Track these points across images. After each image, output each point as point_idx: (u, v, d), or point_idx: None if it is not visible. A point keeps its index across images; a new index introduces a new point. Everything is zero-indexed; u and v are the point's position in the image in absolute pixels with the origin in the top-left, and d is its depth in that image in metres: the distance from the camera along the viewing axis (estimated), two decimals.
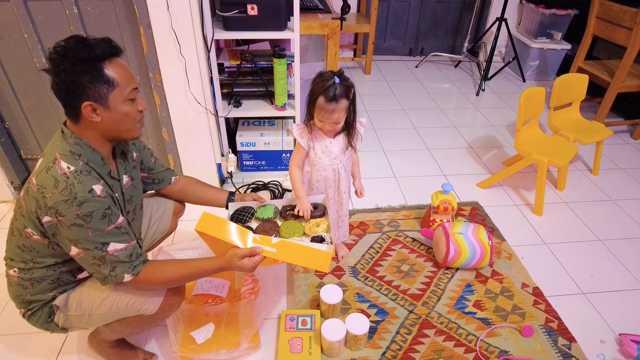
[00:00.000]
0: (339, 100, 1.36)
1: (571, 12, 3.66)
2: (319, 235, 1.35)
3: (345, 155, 1.58)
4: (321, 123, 1.44)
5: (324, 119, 1.40)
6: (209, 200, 1.55)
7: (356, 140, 1.57)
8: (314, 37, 2.89)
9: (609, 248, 2.03)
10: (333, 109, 1.37)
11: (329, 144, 1.53)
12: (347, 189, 1.66)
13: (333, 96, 1.34)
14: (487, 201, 2.29)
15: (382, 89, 3.58)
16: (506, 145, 2.85)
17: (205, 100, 1.96)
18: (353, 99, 1.42)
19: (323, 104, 1.37)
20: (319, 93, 1.37)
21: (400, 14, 4.10)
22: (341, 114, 1.40)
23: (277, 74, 2.03)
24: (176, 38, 1.77)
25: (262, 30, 1.94)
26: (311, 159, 1.57)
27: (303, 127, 1.54)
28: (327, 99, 1.35)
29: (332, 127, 1.44)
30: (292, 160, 1.59)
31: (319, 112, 1.39)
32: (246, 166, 2.35)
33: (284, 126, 2.36)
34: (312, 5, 2.52)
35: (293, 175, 1.58)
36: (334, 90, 1.34)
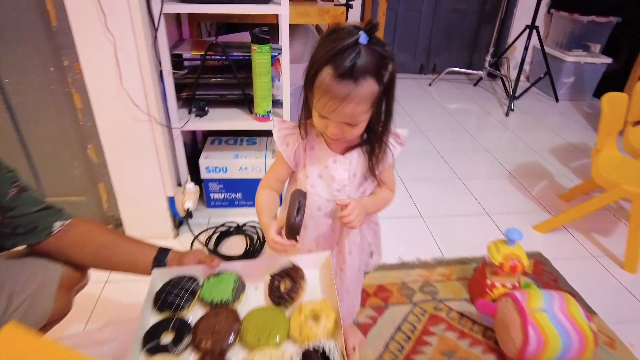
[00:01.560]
0: (359, 77, 0.71)
1: (613, 19, 3.12)
2: (318, 347, 0.67)
3: (359, 189, 0.93)
4: (322, 121, 0.80)
5: (327, 111, 0.76)
6: (122, 263, 0.89)
7: (384, 163, 0.92)
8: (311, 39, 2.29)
9: None
10: (346, 95, 0.72)
11: (332, 164, 0.90)
12: (357, 249, 1.00)
13: (350, 68, 0.70)
14: (553, 251, 1.62)
15: (396, 109, 2.96)
16: (557, 174, 2.21)
17: (147, 103, 1.32)
18: (389, 83, 0.77)
19: (329, 82, 0.72)
20: (326, 60, 0.72)
21: (410, 25, 3.56)
22: (360, 107, 0.75)
23: (258, 67, 1.40)
24: (98, 1, 1.14)
25: (235, 3, 1.32)
26: (298, 186, 0.94)
27: (291, 127, 0.92)
28: (338, 72, 0.71)
29: (340, 131, 0.80)
30: (263, 181, 0.98)
31: (321, 97, 0.75)
32: (214, 200, 1.68)
33: (268, 145, 1.71)
34: None
35: (259, 197, 0.95)
36: (355, 56, 0.70)
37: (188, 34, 1.76)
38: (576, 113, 3.12)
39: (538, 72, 3.41)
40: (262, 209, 0.92)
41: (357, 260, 1.01)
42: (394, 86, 0.80)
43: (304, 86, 0.81)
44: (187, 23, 1.74)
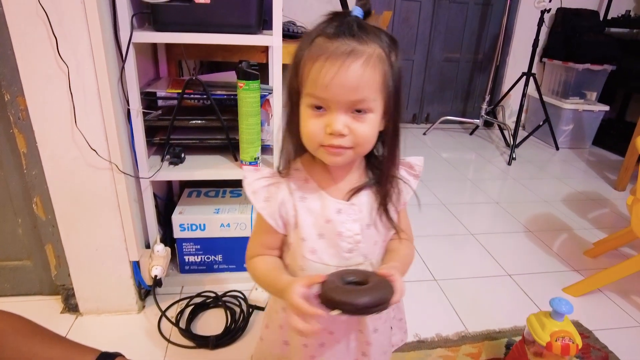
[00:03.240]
0: (361, 35, 0.56)
1: (607, 67, 3.07)
2: None
3: (377, 243, 0.70)
4: (316, 120, 0.59)
5: (322, 85, 0.56)
6: None
7: (399, 204, 0.71)
8: None
9: None
10: (348, 51, 0.55)
11: (335, 216, 0.66)
12: (383, 326, 0.75)
13: (348, 24, 0.56)
14: (593, 320, 1.37)
15: None
16: (575, 226, 2.00)
17: (109, 147, 1.08)
18: (399, 76, 0.61)
19: (322, 45, 0.56)
20: (314, 35, 0.58)
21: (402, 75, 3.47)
22: (368, 75, 0.56)
23: (245, 107, 1.19)
24: (48, 22, 0.94)
25: (218, 32, 1.13)
26: (292, 258, 0.70)
27: (268, 176, 0.68)
28: (331, 32, 0.56)
29: (344, 127, 0.57)
30: (250, 251, 0.73)
31: (311, 68, 0.57)
32: (189, 264, 1.41)
33: None
34: (300, 33, 1.80)
35: (254, 264, 0.71)
36: (350, 22, 0.56)
37: (166, 73, 1.56)
38: (579, 161, 2.98)
39: (534, 120, 3.31)
40: (268, 270, 0.69)
41: (384, 340, 0.76)
42: (401, 88, 0.62)
43: (288, 90, 0.62)
44: (165, 61, 1.55)
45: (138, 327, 1.23)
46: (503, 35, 3.10)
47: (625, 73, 3.10)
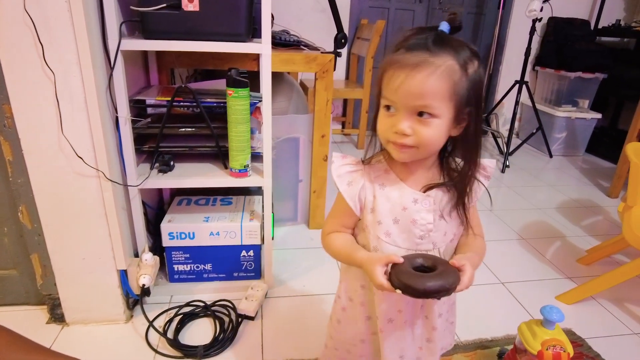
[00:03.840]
0: (435, 49, 0.62)
1: (599, 75, 3.09)
2: None
3: (446, 235, 0.74)
4: (387, 119, 0.67)
5: (392, 90, 0.64)
6: None
7: (474, 199, 0.76)
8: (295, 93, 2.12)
9: None
10: (417, 63, 0.62)
11: (412, 204, 0.72)
12: (446, 311, 0.83)
13: (424, 40, 0.63)
14: (585, 327, 1.36)
15: None
16: (569, 234, 1.99)
17: (96, 155, 1.07)
18: (476, 85, 0.65)
19: (398, 56, 0.64)
20: (398, 45, 0.66)
21: None
22: (433, 83, 0.62)
23: (234, 114, 1.19)
24: (34, 29, 0.93)
25: (208, 40, 1.13)
26: (366, 239, 0.76)
27: (353, 163, 0.76)
28: (409, 45, 0.64)
29: (408, 128, 0.64)
30: (327, 228, 0.81)
31: (385, 74, 0.66)
32: (179, 273, 1.39)
33: (246, 205, 1.46)
34: (293, 41, 1.80)
35: (331, 240, 0.79)
36: (427, 37, 0.63)
37: (157, 81, 1.56)
38: (572, 168, 2.99)
39: (527, 128, 3.33)
40: (346, 246, 0.77)
41: (445, 329, 0.86)
42: (481, 97, 0.67)
43: (376, 92, 0.70)
44: (156, 69, 1.54)
45: (125, 338, 1.21)
46: (496, 44, 3.12)
47: (617, 81, 3.13)
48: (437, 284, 0.62)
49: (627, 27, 3.19)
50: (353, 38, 3.20)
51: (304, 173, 1.76)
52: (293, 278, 1.50)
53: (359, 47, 3.05)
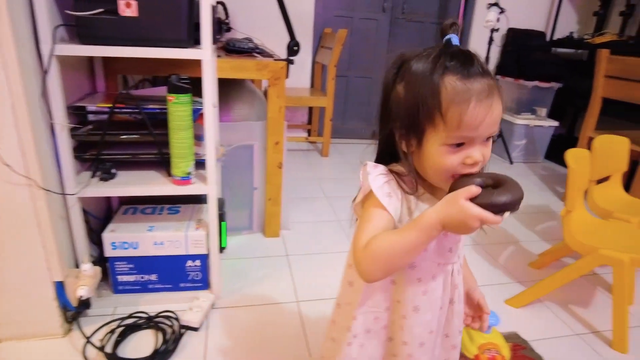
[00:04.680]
0: (485, 68, 0.61)
1: (555, 85, 3.19)
2: None
3: (462, 242, 0.77)
4: (452, 156, 0.62)
5: (473, 126, 0.60)
6: None
7: None
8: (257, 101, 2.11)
9: None
10: (489, 89, 0.60)
11: None
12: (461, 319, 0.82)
13: (470, 59, 0.61)
14: (531, 330, 1.38)
15: (344, 173, 2.80)
16: (523, 239, 2.04)
17: (26, 163, 1.04)
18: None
19: (463, 86, 0.59)
20: (439, 71, 0.60)
21: (361, 92, 3.52)
22: (501, 106, 0.62)
23: (175, 120, 1.17)
24: None
25: (148, 45, 1.11)
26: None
27: (385, 172, 0.68)
28: (464, 71, 0.59)
29: (481, 156, 0.62)
30: (365, 236, 0.65)
31: (458, 112, 0.59)
32: (123, 284, 1.35)
33: (193, 214, 1.43)
34: (247, 48, 1.80)
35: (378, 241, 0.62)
36: (471, 57, 0.61)
37: (104, 87, 1.53)
38: (532, 175, 3.07)
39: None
40: (399, 231, 0.63)
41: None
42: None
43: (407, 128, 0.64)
44: (103, 75, 1.51)
45: (62, 353, 1.16)
46: None
47: (572, 91, 3.24)
48: (517, 194, 0.59)
49: (579, 39, 3.31)
50: (317, 47, 3.22)
51: (259, 181, 1.75)
52: (244, 288, 1.48)
53: (322, 56, 3.07)
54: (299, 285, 1.51)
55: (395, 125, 0.66)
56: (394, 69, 0.66)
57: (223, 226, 1.58)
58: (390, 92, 0.67)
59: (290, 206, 2.07)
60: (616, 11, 3.25)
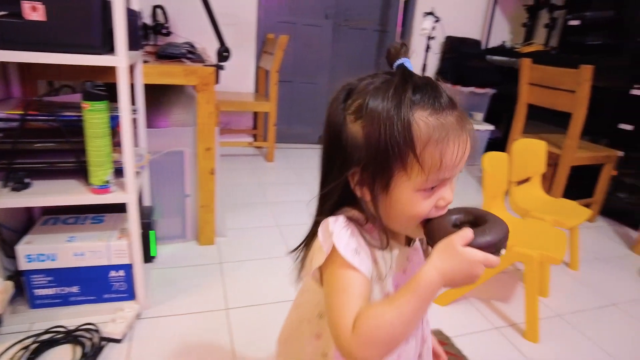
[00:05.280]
0: (454, 101, 0.58)
1: (489, 90, 3.37)
2: None
3: None
4: (425, 201, 0.57)
5: (450, 166, 0.55)
6: None
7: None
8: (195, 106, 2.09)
9: None
10: (462, 122, 0.56)
11: (408, 264, 0.67)
12: None
13: (445, 99, 0.56)
14: (454, 326, 1.45)
15: (289, 178, 2.82)
16: None
17: None
18: None
19: (436, 122, 0.53)
20: (404, 106, 0.52)
21: (307, 98, 3.55)
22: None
23: (91, 128, 1.14)
24: None
25: (56, 51, 1.08)
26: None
27: (345, 225, 0.58)
28: (434, 105, 0.54)
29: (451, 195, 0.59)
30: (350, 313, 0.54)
31: (435, 152, 0.53)
32: (42, 298, 1.30)
33: (119, 223, 1.40)
34: (178, 53, 1.78)
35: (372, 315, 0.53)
36: (437, 87, 0.56)
37: (20, 93, 1.46)
38: (470, 177, 3.21)
39: None
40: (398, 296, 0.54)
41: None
42: None
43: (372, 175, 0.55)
44: (19, 81, 1.45)
45: None
46: None
47: (505, 97, 3.42)
48: (506, 227, 0.56)
49: (510, 48, 3.51)
50: (260, 52, 3.23)
51: (191, 188, 1.73)
52: (173, 297, 1.46)
53: (265, 61, 3.08)
54: (230, 292, 1.51)
55: (351, 171, 0.57)
56: (341, 103, 0.58)
57: (152, 235, 1.56)
58: (341, 132, 0.57)
59: (228, 213, 2.07)
60: (541, 23, 3.47)
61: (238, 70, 3.24)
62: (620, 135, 2.54)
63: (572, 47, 2.93)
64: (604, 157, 2.38)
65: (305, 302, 0.70)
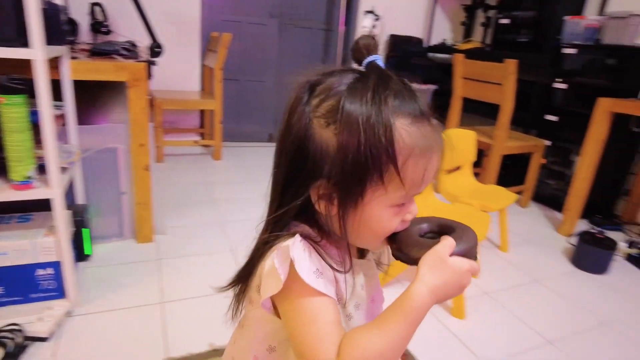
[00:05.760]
0: (428, 110, 0.52)
1: (431, 87, 3.50)
2: None
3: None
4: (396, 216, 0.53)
5: (429, 175, 0.52)
6: None
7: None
8: None
9: (565, 351, 1.37)
10: (440, 135, 0.53)
11: (364, 277, 0.63)
12: None
13: (420, 105, 0.51)
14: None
15: (236, 176, 2.82)
16: None
17: None
18: None
19: (417, 132, 0.49)
20: (384, 112, 0.47)
21: (254, 96, 3.57)
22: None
23: (8, 122, 1.12)
24: None
25: None
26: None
27: (303, 248, 0.51)
28: (412, 112, 0.49)
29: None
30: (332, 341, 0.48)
31: (417, 161, 0.49)
32: None
33: (45, 222, 1.37)
34: (111, 50, 1.75)
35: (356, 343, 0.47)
36: (411, 91, 0.51)
37: None
38: None
39: None
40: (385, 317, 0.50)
41: None
42: None
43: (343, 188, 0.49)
44: None
45: None
46: (341, 58, 3.37)
47: (446, 93, 3.57)
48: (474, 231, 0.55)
49: (450, 46, 3.67)
50: (205, 51, 3.22)
51: (126, 185, 1.71)
52: (108, 294, 1.44)
53: (210, 60, 3.07)
54: (167, 287, 1.51)
55: (317, 184, 0.50)
56: (304, 103, 0.51)
57: (85, 233, 1.54)
58: (307, 138, 0.50)
59: (172, 211, 2.06)
60: (478, 22, 3.65)
61: (183, 69, 3.22)
62: (547, 126, 2.72)
63: (503, 44, 3.10)
64: (532, 147, 2.54)
65: (250, 337, 0.62)
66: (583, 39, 2.55)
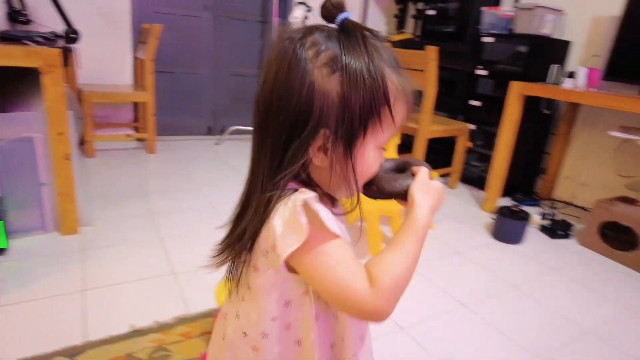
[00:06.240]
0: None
1: None
2: None
3: None
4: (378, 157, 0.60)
5: (405, 117, 0.60)
6: None
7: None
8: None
9: (480, 313, 1.49)
10: (409, 84, 0.60)
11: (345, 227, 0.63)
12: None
13: (398, 60, 0.59)
14: None
15: (170, 169, 2.78)
16: None
17: None
18: None
19: (397, 77, 0.57)
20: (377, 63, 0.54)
21: (192, 89, 3.52)
22: None
23: None
24: None
25: None
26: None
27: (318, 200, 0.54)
28: (393, 61, 0.57)
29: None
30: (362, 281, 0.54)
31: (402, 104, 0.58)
32: None
33: None
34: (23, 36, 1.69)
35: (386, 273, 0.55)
36: (387, 45, 0.61)
37: None
38: None
39: None
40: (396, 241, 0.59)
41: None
42: None
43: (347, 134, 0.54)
44: None
45: None
46: None
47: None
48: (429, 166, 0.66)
49: (385, 37, 3.79)
50: (137, 43, 3.14)
51: (46, 176, 1.66)
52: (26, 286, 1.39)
53: (142, 52, 3.01)
54: (89, 275, 1.48)
55: (318, 135, 0.53)
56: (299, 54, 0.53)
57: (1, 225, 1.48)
58: (311, 87, 0.52)
59: (100, 203, 2.02)
60: (410, 15, 3.80)
61: (114, 62, 3.13)
62: (472, 111, 2.89)
63: (431, 35, 3.25)
64: (457, 130, 2.70)
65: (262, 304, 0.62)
66: (499, 29, 2.73)
